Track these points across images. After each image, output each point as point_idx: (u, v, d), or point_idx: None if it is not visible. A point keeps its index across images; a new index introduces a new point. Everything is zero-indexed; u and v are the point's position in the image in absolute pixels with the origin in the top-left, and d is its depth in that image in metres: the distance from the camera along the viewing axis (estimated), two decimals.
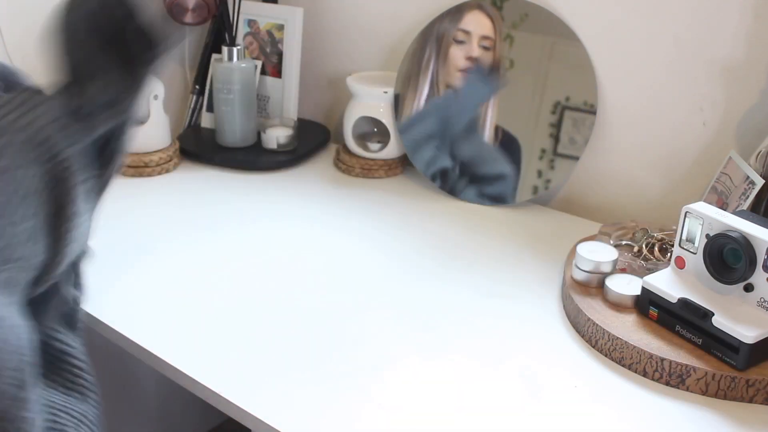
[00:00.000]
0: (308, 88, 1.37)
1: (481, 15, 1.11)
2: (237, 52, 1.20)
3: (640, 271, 0.85)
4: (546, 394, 0.71)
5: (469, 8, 1.12)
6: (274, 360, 0.75)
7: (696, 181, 1.02)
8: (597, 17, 1.04)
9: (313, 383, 0.71)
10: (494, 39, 1.11)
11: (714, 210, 0.75)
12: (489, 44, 1.11)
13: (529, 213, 1.10)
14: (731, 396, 0.70)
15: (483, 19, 1.11)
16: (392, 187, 1.17)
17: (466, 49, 1.12)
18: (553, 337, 0.80)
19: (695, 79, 0.99)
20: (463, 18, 1.12)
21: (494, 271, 0.91)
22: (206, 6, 1.26)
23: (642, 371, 0.73)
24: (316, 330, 0.80)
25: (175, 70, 1.38)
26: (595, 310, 0.79)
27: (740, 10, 0.93)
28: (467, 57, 1.12)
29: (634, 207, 1.08)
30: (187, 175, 1.18)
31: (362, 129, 1.23)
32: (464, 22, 1.12)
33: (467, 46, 1.12)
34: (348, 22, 1.30)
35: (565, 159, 1.08)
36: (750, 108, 0.96)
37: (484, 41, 1.11)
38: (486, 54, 1.11)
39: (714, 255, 0.74)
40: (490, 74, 1.10)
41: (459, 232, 1.02)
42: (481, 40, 1.11)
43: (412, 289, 0.88)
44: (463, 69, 1.12)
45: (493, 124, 1.10)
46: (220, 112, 1.23)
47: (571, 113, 1.07)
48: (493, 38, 1.11)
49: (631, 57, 1.03)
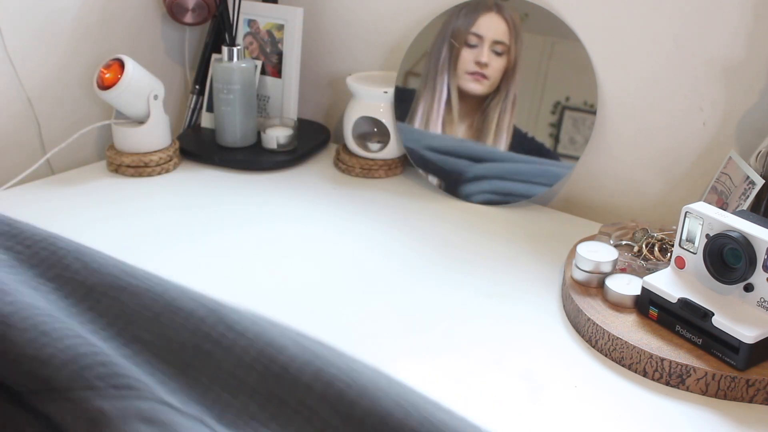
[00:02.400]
0: (308, 88, 1.37)
1: (497, 18, 1.10)
2: (237, 52, 1.20)
3: (640, 271, 0.85)
4: (546, 394, 0.71)
5: (486, 10, 1.11)
6: None
7: (696, 181, 1.02)
8: (597, 17, 1.04)
9: None
10: (508, 44, 1.10)
11: (714, 210, 0.75)
12: (502, 49, 1.10)
13: (529, 213, 1.10)
14: (731, 396, 0.70)
15: (498, 22, 1.10)
16: (392, 187, 1.17)
17: (476, 53, 1.12)
18: (553, 337, 0.80)
19: (695, 78, 0.99)
20: (477, 20, 1.12)
21: (494, 271, 0.91)
22: (206, 6, 1.27)
23: (642, 371, 0.73)
24: (316, 330, 0.80)
25: (175, 70, 1.38)
26: (595, 310, 0.79)
27: (740, 10, 0.93)
28: (476, 62, 1.12)
29: (634, 207, 1.08)
30: (187, 175, 1.18)
31: (362, 129, 1.23)
32: (478, 24, 1.12)
33: (478, 50, 1.11)
34: (348, 22, 1.30)
35: (565, 159, 1.08)
36: (750, 108, 0.96)
37: (497, 46, 1.11)
38: (497, 59, 1.11)
39: (714, 255, 0.74)
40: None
41: (459, 232, 1.02)
42: (493, 44, 1.11)
43: (412, 288, 0.88)
44: (472, 72, 1.12)
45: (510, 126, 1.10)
46: (220, 112, 1.23)
47: (571, 113, 1.07)
48: (507, 43, 1.10)
49: (631, 57, 1.03)
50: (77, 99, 1.22)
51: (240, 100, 1.22)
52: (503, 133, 1.11)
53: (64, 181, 1.14)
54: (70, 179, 1.14)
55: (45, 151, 1.18)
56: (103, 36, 1.23)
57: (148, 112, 1.16)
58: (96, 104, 1.24)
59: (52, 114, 1.19)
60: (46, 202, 1.05)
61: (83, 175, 1.16)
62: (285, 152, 1.24)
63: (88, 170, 1.19)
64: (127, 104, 1.16)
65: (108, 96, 1.13)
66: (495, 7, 1.11)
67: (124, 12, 1.25)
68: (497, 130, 1.11)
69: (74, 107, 1.22)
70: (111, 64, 1.14)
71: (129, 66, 1.12)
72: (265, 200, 1.11)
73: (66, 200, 1.06)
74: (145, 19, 1.29)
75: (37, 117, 1.17)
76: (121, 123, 1.18)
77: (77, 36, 1.19)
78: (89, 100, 1.23)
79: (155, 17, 1.31)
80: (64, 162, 1.21)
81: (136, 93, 1.14)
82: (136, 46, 1.28)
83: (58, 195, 1.08)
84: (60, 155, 1.18)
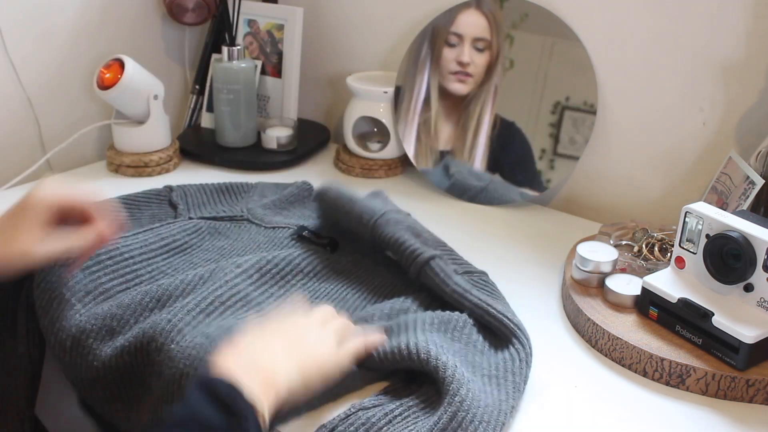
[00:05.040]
0: (308, 88, 1.37)
1: (476, 15, 1.10)
2: (237, 52, 1.20)
3: (640, 271, 0.85)
4: (546, 394, 0.71)
5: (465, 7, 1.11)
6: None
7: (696, 181, 1.02)
8: (597, 17, 1.04)
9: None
10: (490, 40, 1.10)
11: (714, 210, 0.74)
12: (483, 45, 1.10)
13: (529, 213, 1.10)
14: (731, 396, 0.70)
15: (478, 19, 1.10)
16: (392, 187, 1.16)
17: (457, 53, 1.12)
18: (553, 337, 0.80)
19: (695, 79, 0.99)
20: (455, 19, 1.12)
21: (494, 271, 0.91)
22: (206, 6, 1.27)
23: (642, 371, 0.73)
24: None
25: (175, 70, 1.38)
26: (595, 310, 0.79)
27: (740, 10, 0.93)
28: (458, 61, 1.12)
29: (634, 207, 1.08)
30: (187, 175, 1.18)
31: (362, 129, 1.23)
32: (456, 24, 1.12)
33: (459, 49, 1.11)
34: (348, 22, 1.30)
35: (565, 159, 1.08)
36: (750, 108, 0.96)
37: (478, 43, 1.11)
38: (480, 56, 1.10)
39: (714, 255, 0.74)
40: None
41: (459, 232, 1.02)
42: (475, 42, 1.11)
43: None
44: (455, 72, 1.12)
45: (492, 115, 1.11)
46: (220, 112, 1.23)
47: (571, 113, 1.07)
48: (489, 39, 1.10)
49: (631, 57, 1.03)
50: (77, 99, 1.22)
51: (240, 100, 1.22)
52: (484, 124, 1.11)
53: (64, 181, 1.14)
54: (70, 179, 1.14)
55: (45, 151, 1.18)
56: (103, 36, 1.23)
57: (148, 112, 1.16)
58: (96, 104, 1.24)
59: (52, 114, 1.19)
60: None
61: (83, 175, 1.16)
62: (285, 152, 1.24)
63: (88, 170, 1.19)
64: (127, 104, 1.16)
65: (108, 96, 1.13)
66: (474, 2, 1.11)
67: (124, 12, 1.25)
68: (479, 122, 1.11)
69: (74, 107, 1.22)
70: (111, 64, 1.14)
71: (129, 66, 1.12)
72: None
73: None
74: (145, 19, 1.29)
75: (37, 117, 1.17)
76: (121, 123, 1.18)
77: (77, 36, 1.19)
78: (89, 100, 1.23)
79: (155, 17, 1.31)
80: (64, 162, 1.21)
81: (136, 93, 1.14)
82: (136, 46, 1.28)
83: None
84: (60, 155, 1.18)
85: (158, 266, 0.85)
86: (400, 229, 0.84)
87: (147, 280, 0.82)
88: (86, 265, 0.80)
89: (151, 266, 0.84)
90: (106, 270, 0.81)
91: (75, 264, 0.76)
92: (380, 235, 0.84)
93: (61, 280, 0.77)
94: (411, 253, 0.81)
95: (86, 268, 0.80)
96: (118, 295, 0.79)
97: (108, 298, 0.79)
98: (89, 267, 0.80)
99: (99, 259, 0.81)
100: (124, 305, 0.76)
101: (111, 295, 0.79)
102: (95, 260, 0.81)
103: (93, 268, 0.80)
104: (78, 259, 0.76)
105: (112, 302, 0.77)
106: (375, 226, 0.85)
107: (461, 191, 1.13)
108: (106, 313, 0.75)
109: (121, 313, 0.75)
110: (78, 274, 0.79)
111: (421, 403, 0.65)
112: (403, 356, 0.66)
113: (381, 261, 0.88)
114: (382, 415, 0.63)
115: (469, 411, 0.61)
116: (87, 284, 0.79)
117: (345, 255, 0.89)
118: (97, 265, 0.81)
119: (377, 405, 0.64)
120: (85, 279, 0.79)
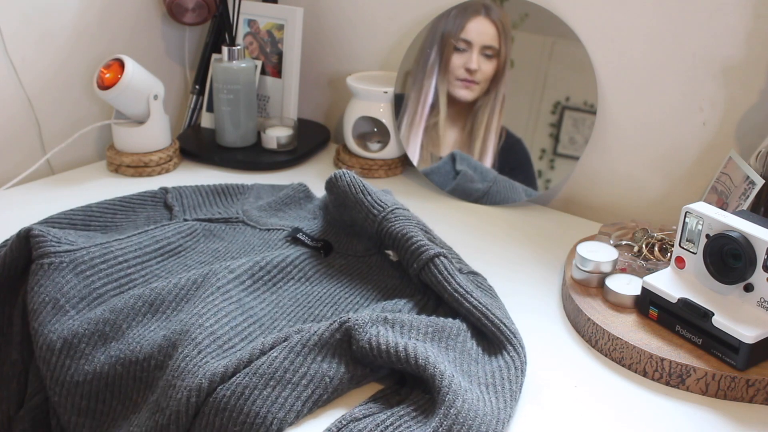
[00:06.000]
0: (308, 88, 1.37)
1: (485, 22, 1.10)
2: (237, 52, 1.20)
3: (640, 271, 0.85)
4: (546, 393, 0.71)
5: (474, 14, 1.11)
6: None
7: (696, 181, 1.02)
8: (597, 17, 1.04)
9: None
10: (498, 48, 1.10)
11: (714, 210, 0.74)
12: (491, 53, 1.10)
13: (529, 213, 1.10)
14: (731, 396, 0.70)
15: (487, 26, 1.10)
16: (392, 187, 1.16)
17: (465, 59, 1.12)
18: (553, 337, 0.80)
19: (695, 78, 0.99)
20: (465, 26, 1.12)
21: (494, 271, 0.91)
22: (206, 6, 1.27)
23: (642, 371, 0.73)
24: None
25: (175, 70, 1.38)
26: (595, 310, 0.79)
27: (740, 10, 0.93)
28: (466, 68, 1.12)
29: (634, 207, 1.08)
30: (187, 175, 1.18)
31: (362, 129, 1.23)
32: (466, 31, 1.12)
33: (467, 55, 1.11)
34: (348, 22, 1.30)
35: (565, 159, 1.08)
36: (750, 108, 0.96)
37: (487, 50, 1.11)
38: (487, 63, 1.11)
39: (714, 255, 0.74)
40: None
41: (458, 232, 1.02)
42: (484, 49, 1.11)
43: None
44: (462, 79, 1.12)
45: (498, 127, 1.11)
46: (220, 112, 1.23)
47: (571, 113, 1.07)
48: (497, 47, 1.10)
49: (631, 57, 1.03)
50: (77, 99, 1.22)
51: (240, 100, 1.22)
52: (491, 134, 1.11)
53: (64, 181, 1.14)
54: (70, 179, 1.14)
55: (45, 151, 1.19)
56: (103, 36, 1.23)
57: (148, 112, 1.16)
58: (96, 104, 1.24)
59: (52, 114, 1.19)
60: (46, 202, 1.05)
61: (83, 175, 1.17)
62: (285, 152, 1.24)
63: (88, 170, 1.19)
64: (127, 104, 1.16)
65: (108, 96, 1.13)
66: (483, 10, 1.11)
67: (124, 12, 1.25)
68: (486, 132, 1.11)
69: (74, 107, 1.22)
70: (111, 64, 1.14)
71: (129, 66, 1.13)
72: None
73: (66, 200, 1.06)
74: (145, 19, 1.29)
75: (37, 117, 1.17)
76: (121, 123, 1.18)
77: (77, 36, 1.19)
78: (89, 100, 1.23)
79: (155, 17, 1.31)
80: (64, 162, 1.21)
81: (136, 93, 1.15)
82: (136, 46, 1.28)
83: (58, 195, 1.08)
84: (60, 155, 1.18)
85: (152, 269, 0.84)
86: (410, 225, 0.84)
87: (141, 283, 0.82)
88: (80, 269, 0.79)
89: (145, 269, 0.84)
90: (100, 274, 0.80)
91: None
92: (388, 229, 0.84)
93: (55, 285, 0.77)
94: (418, 248, 0.81)
95: (80, 272, 0.79)
96: (112, 300, 0.78)
97: (102, 302, 0.78)
98: (83, 271, 0.79)
99: (93, 263, 0.80)
100: (117, 310, 0.75)
101: (105, 299, 0.78)
102: (89, 264, 0.80)
103: (87, 272, 0.79)
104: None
105: (105, 307, 0.76)
106: (385, 219, 0.85)
107: (463, 195, 1.13)
108: (99, 317, 0.74)
109: (114, 318, 0.74)
110: (72, 278, 0.78)
111: (413, 412, 0.64)
112: (400, 359, 0.66)
113: (375, 264, 0.88)
114: (374, 426, 0.62)
115: (464, 424, 0.60)
116: (81, 289, 0.78)
117: (338, 258, 0.89)
118: (91, 269, 0.80)
119: (368, 415, 0.64)
120: (79, 284, 0.78)
